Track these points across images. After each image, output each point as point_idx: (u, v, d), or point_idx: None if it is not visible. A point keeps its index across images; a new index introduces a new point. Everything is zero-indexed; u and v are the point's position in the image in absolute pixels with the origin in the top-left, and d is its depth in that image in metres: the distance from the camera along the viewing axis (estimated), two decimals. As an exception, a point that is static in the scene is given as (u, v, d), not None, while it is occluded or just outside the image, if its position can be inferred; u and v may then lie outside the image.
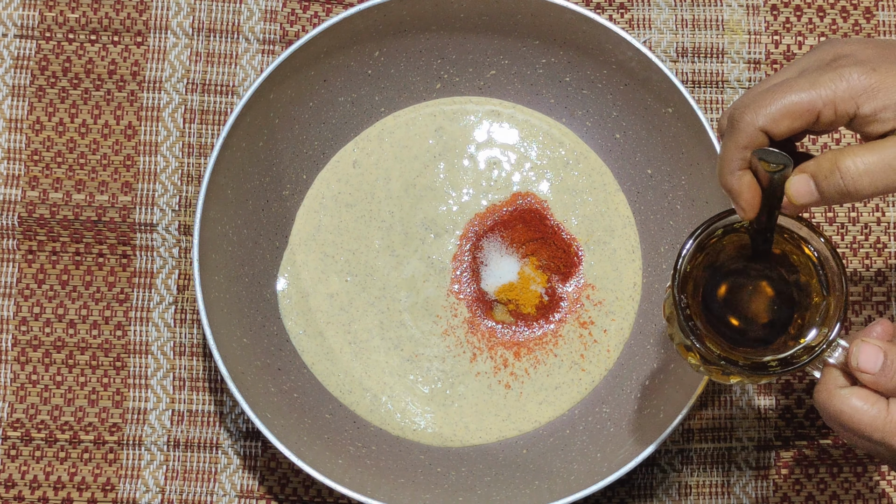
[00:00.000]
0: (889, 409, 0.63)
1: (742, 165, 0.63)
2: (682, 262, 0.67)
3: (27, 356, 0.86)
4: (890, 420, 0.62)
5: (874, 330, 0.66)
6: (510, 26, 0.84)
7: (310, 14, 0.89)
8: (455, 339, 0.85)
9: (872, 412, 0.62)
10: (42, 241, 0.87)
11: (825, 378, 0.65)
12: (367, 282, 0.86)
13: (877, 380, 0.63)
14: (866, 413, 0.62)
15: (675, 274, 0.67)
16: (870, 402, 0.63)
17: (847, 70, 0.62)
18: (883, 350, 0.63)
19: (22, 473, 0.85)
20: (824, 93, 0.62)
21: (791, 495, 0.85)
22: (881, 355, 0.63)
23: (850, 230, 0.87)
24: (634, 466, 0.77)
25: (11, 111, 0.88)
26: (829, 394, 0.64)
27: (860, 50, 0.64)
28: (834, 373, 0.64)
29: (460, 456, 0.84)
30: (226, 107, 0.88)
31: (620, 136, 0.86)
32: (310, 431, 0.81)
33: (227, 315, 0.81)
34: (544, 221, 0.87)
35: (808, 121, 0.62)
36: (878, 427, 0.62)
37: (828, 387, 0.64)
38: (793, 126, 0.62)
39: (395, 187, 0.87)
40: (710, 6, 0.89)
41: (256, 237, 0.85)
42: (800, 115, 0.62)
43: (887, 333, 0.66)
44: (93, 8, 0.88)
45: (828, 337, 0.64)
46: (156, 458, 0.85)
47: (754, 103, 0.62)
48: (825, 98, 0.62)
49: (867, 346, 0.63)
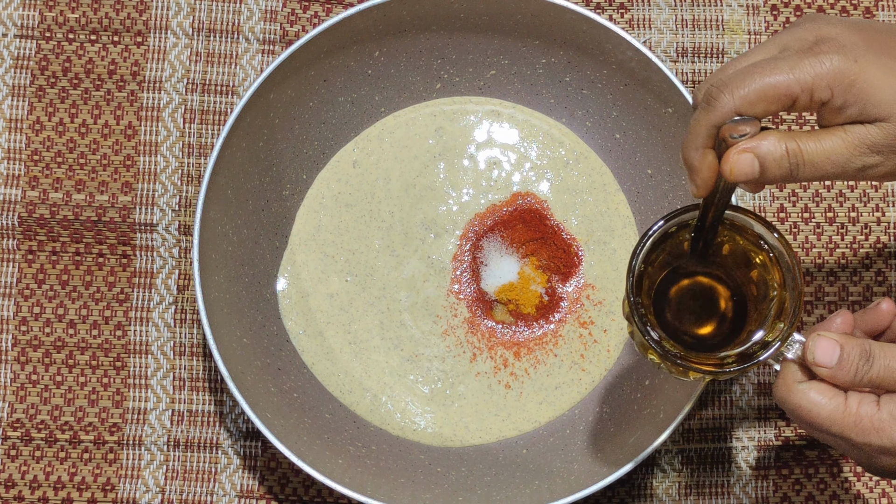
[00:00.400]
0: (847, 403, 0.63)
1: (708, 143, 0.63)
2: (636, 262, 0.67)
3: (27, 356, 0.86)
4: (848, 413, 0.62)
5: (834, 322, 0.66)
6: (510, 26, 0.83)
7: (310, 14, 0.89)
8: (455, 339, 0.85)
9: (830, 406, 0.63)
10: (42, 241, 0.87)
11: (783, 373, 0.65)
12: (367, 282, 0.86)
13: (834, 374, 0.63)
14: (824, 407, 0.63)
15: (630, 274, 0.67)
16: (828, 395, 0.63)
17: (829, 57, 0.61)
18: (839, 343, 0.63)
19: (22, 473, 0.85)
20: (803, 78, 0.61)
21: (791, 495, 0.85)
22: (837, 349, 0.63)
23: (849, 230, 0.87)
24: (634, 466, 0.77)
25: (11, 111, 0.88)
26: (787, 388, 0.64)
27: (844, 33, 0.62)
28: (792, 367, 0.64)
29: (460, 456, 0.84)
30: (226, 107, 0.88)
31: (620, 136, 0.86)
32: (310, 431, 0.81)
33: (227, 315, 0.81)
34: (544, 221, 0.87)
35: (785, 104, 0.61)
36: (836, 420, 0.63)
37: (786, 381, 0.64)
38: (769, 109, 0.61)
39: (395, 187, 0.87)
40: (710, 6, 0.89)
41: (256, 237, 0.85)
42: (776, 99, 0.61)
43: (847, 325, 0.66)
44: (93, 8, 0.88)
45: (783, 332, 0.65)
46: (156, 458, 0.85)
47: (732, 83, 0.61)
48: (804, 84, 0.61)
49: (823, 340, 0.63)
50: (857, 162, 0.62)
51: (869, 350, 0.63)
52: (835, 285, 0.87)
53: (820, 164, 0.62)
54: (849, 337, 0.64)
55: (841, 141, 0.62)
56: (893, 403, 0.62)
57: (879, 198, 0.87)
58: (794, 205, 0.87)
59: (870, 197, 0.87)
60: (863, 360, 0.63)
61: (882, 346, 0.63)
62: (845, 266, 0.87)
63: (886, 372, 0.62)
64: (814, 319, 0.86)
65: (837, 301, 0.87)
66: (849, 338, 0.63)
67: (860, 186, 0.87)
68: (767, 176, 0.62)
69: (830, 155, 0.62)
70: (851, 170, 0.62)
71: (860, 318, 0.68)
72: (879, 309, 0.67)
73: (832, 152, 0.62)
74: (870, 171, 0.63)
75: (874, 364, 0.63)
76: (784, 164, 0.62)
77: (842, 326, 0.66)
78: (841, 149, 0.62)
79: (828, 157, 0.62)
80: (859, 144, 0.62)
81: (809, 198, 0.87)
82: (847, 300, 0.87)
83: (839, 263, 0.87)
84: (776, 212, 0.87)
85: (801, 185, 0.87)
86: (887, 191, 0.87)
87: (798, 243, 0.87)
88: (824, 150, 0.62)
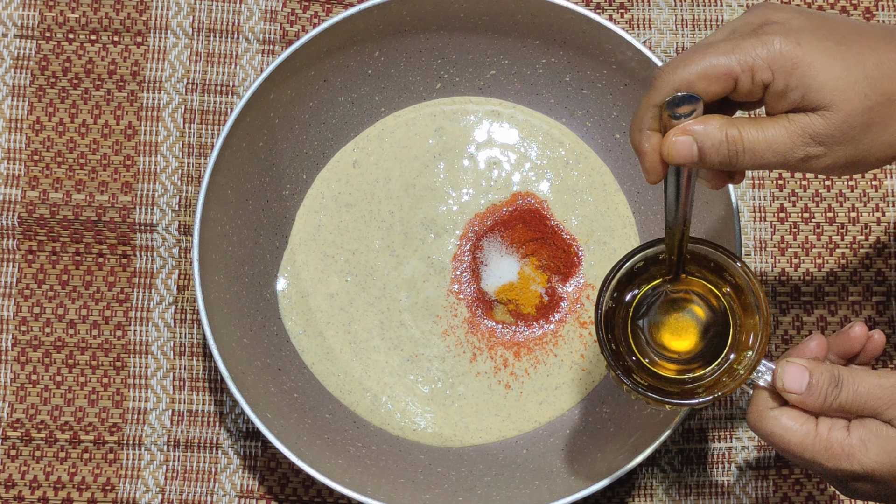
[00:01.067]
0: (818, 429, 0.63)
1: (653, 125, 0.62)
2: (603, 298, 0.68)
3: (27, 356, 0.86)
4: (818, 439, 0.63)
5: (808, 346, 0.66)
6: (510, 26, 0.83)
7: (310, 14, 0.89)
8: (455, 339, 0.85)
9: (801, 431, 0.63)
10: (42, 241, 0.87)
11: (755, 400, 0.65)
12: (367, 282, 0.86)
13: (803, 399, 0.63)
14: (795, 433, 0.63)
15: (597, 310, 0.67)
16: (798, 421, 0.63)
17: (771, 38, 0.60)
18: (808, 369, 0.63)
19: (22, 473, 0.85)
20: (743, 58, 0.60)
21: (791, 495, 0.85)
22: (806, 374, 0.63)
23: (850, 230, 0.87)
24: (634, 466, 0.77)
25: (11, 111, 0.88)
26: (759, 415, 0.64)
27: (791, 18, 0.62)
28: (763, 394, 0.65)
29: (460, 456, 0.84)
30: (226, 107, 0.88)
31: (620, 136, 0.86)
32: (310, 431, 0.81)
33: (227, 315, 0.81)
34: (544, 221, 0.87)
35: (727, 85, 0.60)
36: (807, 446, 0.63)
37: (758, 408, 0.65)
38: (710, 89, 0.60)
39: (394, 187, 0.87)
40: (710, 6, 0.89)
41: (256, 237, 0.85)
42: (717, 79, 0.60)
43: (821, 349, 0.66)
44: (93, 8, 0.88)
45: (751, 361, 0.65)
46: (156, 458, 0.85)
47: (674, 63, 0.61)
48: (743, 64, 0.60)
49: (791, 367, 0.63)
50: (798, 152, 0.61)
51: (837, 375, 0.63)
52: (835, 285, 0.87)
53: (760, 153, 0.61)
54: (818, 363, 0.64)
55: (783, 129, 0.61)
56: (863, 428, 0.62)
57: (879, 198, 0.87)
58: (794, 205, 0.87)
59: (870, 197, 0.87)
60: (831, 386, 0.63)
61: (851, 372, 0.63)
62: (845, 266, 0.87)
63: (855, 397, 0.62)
64: (813, 319, 0.87)
65: (837, 301, 0.87)
66: (818, 364, 0.64)
67: (860, 186, 0.87)
68: (706, 160, 0.61)
69: (772, 144, 0.61)
70: (793, 160, 0.61)
71: (834, 341, 0.67)
72: (852, 332, 0.67)
73: (774, 141, 0.61)
74: (813, 161, 0.61)
75: (843, 389, 0.63)
76: (723, 150, 0.61)
77: (815, 350, 0.66)
78: (783, 138, 0.61)
79: (769, 146, 0.61)
80: (802, 134, 0.61)
81: (809, 198, 0.87)
82: (847, 300, 0.87)
83: (839, 263, 0.87)
84: (776, 212, 0.87)
85: (800, 185, 0.87)
86: (887, 191, 0.87)
87: (798, 243, 0.87)
88: (766, 139, 0.61)
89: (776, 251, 0.87)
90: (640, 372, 0.69)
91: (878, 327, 0.86)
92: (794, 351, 0.66)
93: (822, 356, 0.66)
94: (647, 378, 0.69)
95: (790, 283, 0.87)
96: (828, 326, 0.86)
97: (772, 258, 0.87)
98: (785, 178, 0.88)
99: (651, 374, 0.69)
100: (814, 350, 0.66)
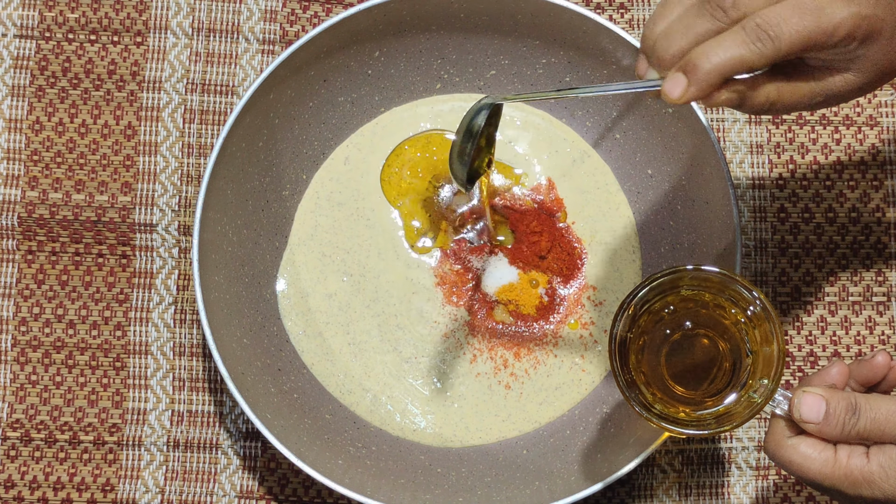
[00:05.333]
0: (837, 457, 0.63)
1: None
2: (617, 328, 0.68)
3: (27, 356, 0.86)
4: (838, 467, 0.63)
5: (829, 373, 0.66)
6: (510, 26, 0.83)
7: (310, 14, 0.89)
8: (455, 339, 0.85)
9: (820, 459, 0.63)
10: (42, 241, 0.87)
11: (772, 428, 0.65)
12: (361, 282, 0.86)
13: (821, 429, 0.63)
14: (815, 461, 0.63)
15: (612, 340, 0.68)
16: (817, 450, 0.63)
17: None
18: (825, 398, 0.63)
19: (21, 474, 0.85)
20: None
21: (791, 495, 0.85)
22: (823, 404, 0.63)
23: (850, 230, 0.87)
24: (634, 466, 0.77)
25: (11, 111, 0.88)
26: (776, 444, 0.64)
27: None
28: (780, 423, 0.65)
29: (460, 456, 0.84)
30: (226, 107, 0.88)
31: (620, 136, 0.86)
32: (310, 432, 0.81)
33: (227, 315, 0.81)
34: (545, 222, 0.87)
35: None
36: (826, 475, 0.63)
37: (776, 437, 0.65)
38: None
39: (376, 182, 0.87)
40: (710, 6, 0.89)
41: (256, 237, 0.85)
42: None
43: (842, 376, 0.66)
44: (92, 8, 0.88)
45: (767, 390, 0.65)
46: (155, 459, 0.85)
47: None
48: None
49: (808, 397, 0.63)
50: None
51: (855, 403, 0.63)
52: (835, 285, 0.87)
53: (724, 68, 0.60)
54: (834, 391, 0.64)
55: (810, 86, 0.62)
56: (883, 455, 0.62)
57: (880, 198, 0.87)
58: (794, 205, 0.87)
59: (870, 197, 0.87)
60: (849, 414, 0.63)
61: (868, 399, 0.63)
62: (845, 266, 0.87)
63: (873, 424, 0.62)
64: (813, 319, 0.86)
65: (838, 301, 0.87)
66: (834, 392, 0.63)
67: (860, 186, 0.87)
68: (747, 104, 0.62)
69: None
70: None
71: (855, 368, 0.67)
72: (875, 361, 0.67)
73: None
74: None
75: (861, 417, 0.63)
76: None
77: (836, 378, 0.66)
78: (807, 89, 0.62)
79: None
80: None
81: (810, 198, 0.87)
82: (847, 300, 0.87)
83: (839, 263, 0.87)
84: (777, 212, 0.87)
85: (800, 185, 0.87)
86: (887, 191, 0.87)
87: (798, 243, 0.87)
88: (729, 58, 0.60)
89: (776, 251, 0.87)
90: (654, 400, 0.69)
91: (878, 327, 0.86)
92: (814, 378, 0.66)
93: (843, 384, 0.66)
94: (662, 406, 0.69)
95: (790, 283, 0.87)
96: (828, 327, 0.86)
97: (772, 258, 0.87)
98: (785, 179, 0.88)
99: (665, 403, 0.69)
100: (835, 377, 0.66)
